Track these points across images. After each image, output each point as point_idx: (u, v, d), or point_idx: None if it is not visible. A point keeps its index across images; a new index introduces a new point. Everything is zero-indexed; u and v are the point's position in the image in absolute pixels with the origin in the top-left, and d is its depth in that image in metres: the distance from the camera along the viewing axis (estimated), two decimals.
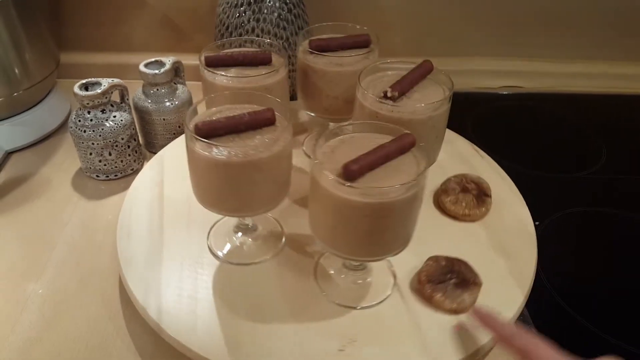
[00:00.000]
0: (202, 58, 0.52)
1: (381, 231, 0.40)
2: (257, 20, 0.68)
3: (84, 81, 0.60)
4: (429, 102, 0.48)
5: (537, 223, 0.56)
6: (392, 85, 0.48)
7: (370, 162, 0.39)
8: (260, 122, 0.44)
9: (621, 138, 0.81)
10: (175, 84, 0.68)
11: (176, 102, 0.66)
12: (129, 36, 0.86)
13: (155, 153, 0.65)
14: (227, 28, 0.69)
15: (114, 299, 0.50)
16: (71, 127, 0.61)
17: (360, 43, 0.57)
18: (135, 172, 0.65)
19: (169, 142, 0.66)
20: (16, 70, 0.66)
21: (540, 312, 0.50)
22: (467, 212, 0.55)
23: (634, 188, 0.71)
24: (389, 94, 0.47)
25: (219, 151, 0.41)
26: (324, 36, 0.59)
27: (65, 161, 0.68)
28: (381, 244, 0.41)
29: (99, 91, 0.59)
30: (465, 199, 0.56)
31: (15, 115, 0.69)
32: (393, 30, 0.86)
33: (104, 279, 0.52)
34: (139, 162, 0.66)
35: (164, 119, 0.66)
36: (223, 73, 0.52)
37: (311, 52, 0.55)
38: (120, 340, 0.46)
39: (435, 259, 0.49)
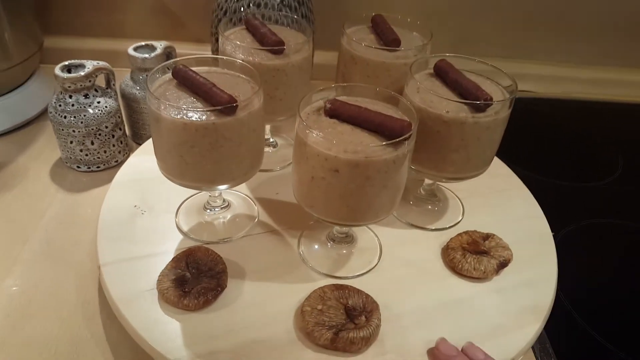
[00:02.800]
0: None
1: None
2: (258, 5, 0.63)
3: (66, 62, 0.55)
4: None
5: (552, 234, 0.52)
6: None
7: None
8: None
9: (638, 148, 0.78)
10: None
11: None
12: (121, 21, 0.81)
13: (141, 144, 0.61)
14: (226, 13, 0.65)
15: (91, 301, 0.45)
16: (51, 112, 0.56)
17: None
18: (120, 164, 0.60)
19: None
20: None
21: (557, 327, 0.46)
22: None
23: None
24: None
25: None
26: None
27: (45, 151, 0.63)
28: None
29: (82, 74, 0.54)
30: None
31: None
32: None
33: (81, 278, 0.47)
34: (124, 153, 0.62)
35: None
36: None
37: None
38: (94, 345, 0.42)
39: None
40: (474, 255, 0.46)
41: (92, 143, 0.57)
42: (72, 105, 0.55)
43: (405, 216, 0.52)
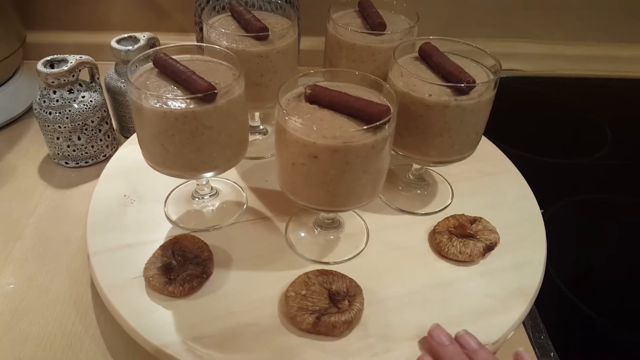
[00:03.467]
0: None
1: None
2: None
3: (48, 58, 0.55)
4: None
5: (542, 211, 0.52)
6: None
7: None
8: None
9: (626, 122, 0.78)
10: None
11: None
12: (104, 14, 0.80)
13: (129, 137, 0.60)
14: (209, 1, 0.64)
15: (84, 296, 0.46)
16: (36, 109, 0.56)
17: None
18: (108, 158, 0.60)
19: None
20: None
21: (547, 303, 0.47)
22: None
23: None
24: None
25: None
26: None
27: (32, 147, 0.63)
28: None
29: (65, 68, 0.54)
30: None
31: None
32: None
33: (73, 274, 0.48)
34: (112, 147, 0.61)
35: None
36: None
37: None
38: (89, 340, 0.42)
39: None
40: (460, 239, 0.46)
41: (79, 138, 0.57)
42: (57, 100, 0.55)
43: (395, 201, 0.53)
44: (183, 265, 0.42)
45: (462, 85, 0.42)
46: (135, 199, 0.51)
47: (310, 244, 0.47)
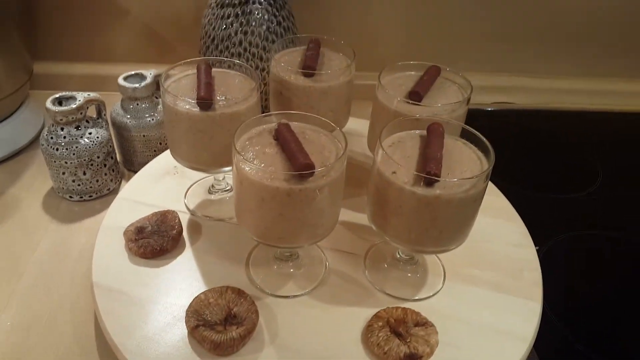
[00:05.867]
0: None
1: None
2: (245, 33, 0.65)
3: (57, 95, 0.56)
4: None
5: (537, 248, 0.53)
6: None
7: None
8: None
9: (617, 156, 0.80)
10: (156, 97, 0.64)
11: (157, 117, 0.63)
12: (109, 46, 0.82)
13: (134, 171, 0.61)
14: (213, 40, 0.66)
15: (87, 334, 0.46)
16: (42, 145, 0.56)
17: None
18: (112, 192, 0.61)
19: (150, 159, 0.62)
20: None
21: (545, 339, 0.47)
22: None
23: (633, 208, 0.69)
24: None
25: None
26: None
27: (36, 180, 0.63)
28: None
29: (73, 106, 0.55)
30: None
31: None
32: (382, 44, 0.84)
33: (77, 311, 0.48)
34: (116, 181, 0.62)
35: (144, 136, 0.62)
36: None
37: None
38: None
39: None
40: (388, 333, 0.42)
41: (84, 173, 0.58)
42: (64, 137, 0.56)
43: (383, 285, 0.48)
44: (152, 233, 0.49)
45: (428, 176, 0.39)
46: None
47: (271, 277, 0.48)
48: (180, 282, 0.47)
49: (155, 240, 0.49)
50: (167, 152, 0.59)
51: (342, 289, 0.48)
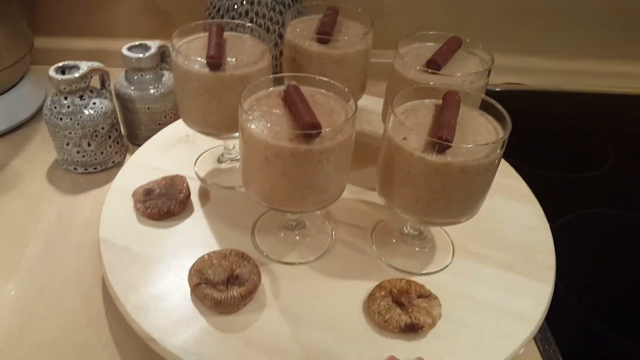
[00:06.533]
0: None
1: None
2: (252, 3, 0.63)
3: (60, 64, 0.55)
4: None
5: (549, 225, 0.53)
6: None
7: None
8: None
9: (628, 138, 0.79)
10: (161, 69, 0.63)
11: (162, 90, 0.62)
12: (111, 20, 0.80)
13: (138, 145, 0.61)
14: (218, 11, 0.65)
15: (95, 302, 0.46)
16: (46, 115, 0.56)
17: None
18: (117, 164, 0.60)
19: (154, 133, 0.61)
20: None
21: (557, 316, 0.47)
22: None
23: None
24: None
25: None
26: None
27: (40, 152, 0.63)
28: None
29: (77, 75, 0.54)
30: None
31: None
32: (390, 18, 0.82)
33: (84, 279, 0.48)
34: (121, 154, 0.62)
35: (148, 108, 0.62)
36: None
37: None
38: (102, 347, 0.42)
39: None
40: (390, 302, 0.42)
41: (89, 144, 0.57)
42: (68, 107, 0.55)
43: (390, 259, 0.48)
44: (161, 195, 0.50)
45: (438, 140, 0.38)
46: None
47: (277, 244, 0.48)
48: (186, 244, 0.47)
49: (162, 202, 0.49)
50: (180, 120, 0.58)
51: (347, 260, 0.47)
